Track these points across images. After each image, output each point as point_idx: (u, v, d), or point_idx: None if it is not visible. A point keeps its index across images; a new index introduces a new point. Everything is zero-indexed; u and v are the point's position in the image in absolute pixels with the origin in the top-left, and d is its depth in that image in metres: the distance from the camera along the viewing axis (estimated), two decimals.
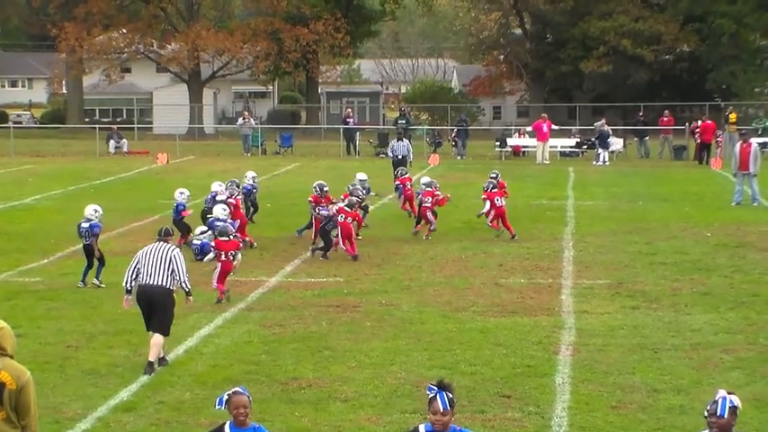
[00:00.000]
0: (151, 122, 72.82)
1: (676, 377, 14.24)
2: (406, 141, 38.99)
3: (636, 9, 71.42)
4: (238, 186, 26.50)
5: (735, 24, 68.24)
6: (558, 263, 23.04)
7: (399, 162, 37.64)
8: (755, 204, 32.13)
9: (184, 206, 25.09)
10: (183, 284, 15.16)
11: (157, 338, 14.83)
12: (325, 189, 25.76)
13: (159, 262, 14.98)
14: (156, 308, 14.96)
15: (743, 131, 36.80)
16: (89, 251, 20.81)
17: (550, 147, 50.96)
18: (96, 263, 20.79)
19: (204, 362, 15.16)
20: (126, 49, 72.55)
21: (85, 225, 20.96)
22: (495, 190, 26.18)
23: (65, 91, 77.87)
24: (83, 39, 67.86)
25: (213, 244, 20.27)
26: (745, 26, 69.12)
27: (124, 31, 71.52)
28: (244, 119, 57.54)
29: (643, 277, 21.29)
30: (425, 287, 20.45)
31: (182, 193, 25.51)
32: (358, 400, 13.30)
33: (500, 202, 26.03)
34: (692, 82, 73.52)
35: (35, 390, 8.24)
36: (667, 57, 73.69)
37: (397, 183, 30.29)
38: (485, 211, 26.20)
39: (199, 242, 23.63)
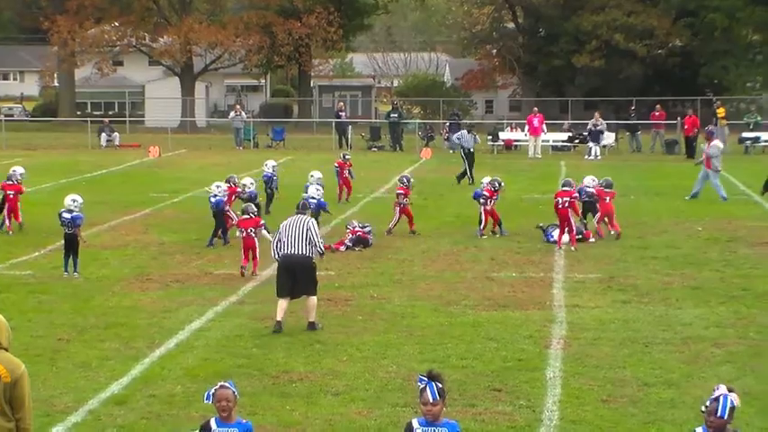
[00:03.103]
0: (143, 116, 72.83)
1: (667, 371, 14.26)
2: (474, 133, 39.90)
3: (628, 3, 71.44)
4: (232, 183, 26.26)
5: (727, 19, 68.39)
6: (549, 257, 23.06)
7: (470, 154, 37.96)
8: (687, 199, 32.43)
9: (223, 202, 24.62)
10: (319, 247, 16.89)
11: (311, 301, 16.62)
12: (412, 181, 27.18)
13: (299, 233, 16.62)
14: (300, 275, 16.58)
15: (709, 129, 37.30)
16: (71, 240, 20.80)
17: (543, 141, 51.03)
18: (71, 255, 20.79)
19: (195, 355, 15.16)
20: (118, 43, 72.49)
21: (67, 215, 20.92)
22: (608, 190, 25.70)
23: (56, 84, 77.77)
24: (75, 32, 67.75)
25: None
26: (738, 21, 69.26)
27: (116, 24, 71.48)
28: (236, 112, 57.56)
29: (634, 271, 21.32)
30: (417, 281, 20.46)
31: (218, 187, 25.01)
32: (349, 393, 13.31)
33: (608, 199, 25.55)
34: (684, 77, 73.60)
35: (29, 383, 8.24)
36: (660, 51, 73.74)
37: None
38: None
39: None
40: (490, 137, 53.31)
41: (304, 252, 16.59)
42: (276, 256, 16.88)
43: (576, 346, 15.60)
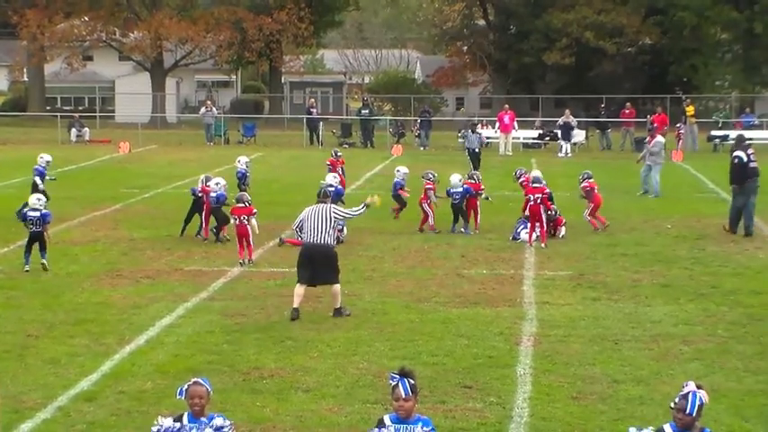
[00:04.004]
0: (113, 111, 72.53)
1: (636, 368, 14.33)
2: (479, 133, 40.78)
3: (598, 1, 71.78)
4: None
5: (696, 18, 68.78)
6: (519, 254, 23.12)
7: (475, 154, 38.16)
8: (651, 196, 33.05)
9: (225, 197, 23.96)
10: (359, 212, 17.80)
11: (335, 288, 17.08)
12: (437, 176, 26.91)
13: (321, 221, 16.95)
14: (321, 264, 16.95)
15: (649, 128, 38.01)
16: (37, 238, 20.79)
17: (513, 138, 51.18)
18: (37, 245, 20.83)
19: (166, 351, 15.12)
20: (88, 37, 72.17)
21: (34, 214, 20.85)
22: (591, 180, 26.56)
23: (26, 79, 77.33)
24: (44, 26, 67.44)
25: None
26: (706, 19, 69.66)
27: (86, 18, 71.12)
28: (206, 108, 57.40)
29: (604, 269, 21.41)
30: (388, 278, 20.47)
31: (217, 184, 24.17)
32: (320, 390, 13.31)
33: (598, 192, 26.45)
34: (653, 74, 73.99)
35: None
36: (629, 49, 74.16)
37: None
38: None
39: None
40: (461, 134, 53.45)
41: (326, 241, 16.99)
42: (299, 239, 17.47)
43: (547, 343, 15.65)
